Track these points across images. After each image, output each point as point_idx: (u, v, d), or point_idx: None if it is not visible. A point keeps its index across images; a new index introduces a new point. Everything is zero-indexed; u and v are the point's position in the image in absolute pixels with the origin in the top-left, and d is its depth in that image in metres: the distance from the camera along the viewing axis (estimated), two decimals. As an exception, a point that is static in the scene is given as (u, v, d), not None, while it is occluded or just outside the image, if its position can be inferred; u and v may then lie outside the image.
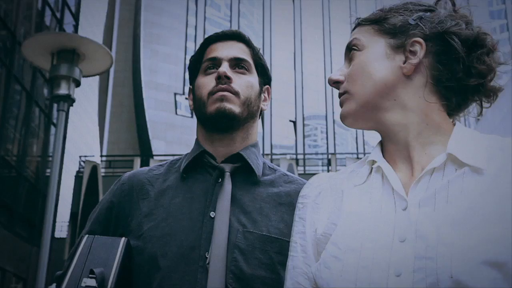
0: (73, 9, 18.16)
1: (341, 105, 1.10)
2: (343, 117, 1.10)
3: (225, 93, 1.37)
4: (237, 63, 1.42)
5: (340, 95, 1.10)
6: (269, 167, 1.45)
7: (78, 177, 16.97)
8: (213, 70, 1.42)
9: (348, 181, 1.08)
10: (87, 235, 1.31)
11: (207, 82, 1.41)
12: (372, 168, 1.06)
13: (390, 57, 1.05)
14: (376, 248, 0.92)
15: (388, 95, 1.04)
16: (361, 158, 1.35)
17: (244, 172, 1.37)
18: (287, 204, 1.35)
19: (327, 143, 37.71)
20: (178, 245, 1.28)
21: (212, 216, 1.30)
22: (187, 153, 1.47)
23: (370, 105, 1.05)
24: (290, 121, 37.96)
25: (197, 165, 1.40)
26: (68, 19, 17.76)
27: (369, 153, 1.12)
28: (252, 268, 1.26)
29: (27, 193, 14.43)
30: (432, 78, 1.04)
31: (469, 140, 1.00)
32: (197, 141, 1.46)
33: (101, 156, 29.13)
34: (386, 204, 0.97)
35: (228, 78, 1.37)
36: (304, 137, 38.10)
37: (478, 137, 1.01)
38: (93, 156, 23.90)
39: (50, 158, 13.65)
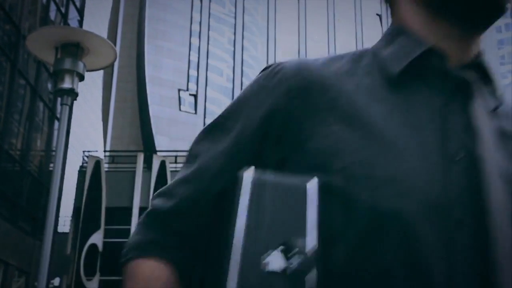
0: (78, 4, 18.20)
1: None
2: None
3: None
4: None
5: None
6: None
7: (82, 172, 16.98)
8: None
9: None
10: (252, 175, 0.72)
11: None
12: None
13: None
14: None
15: None
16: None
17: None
18: None
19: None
20: (418, 200, 0.71)
21: (460, 157, 0.74)
22: (384, 40, 0.85)
23: None
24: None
25: (412, 67, 0.79)
26: (72, 14, 17.80)
27: None
28: None
29: (31, 187, 14.48)
30: None
31: None
32: (403, 29, 0.83)
33: (105, 151, 29.21)
34: None
35: None
36: (307, 134, 38.11)
37: None
38: (96, 151, 23.92)
39: (54, 153, 13.68)
